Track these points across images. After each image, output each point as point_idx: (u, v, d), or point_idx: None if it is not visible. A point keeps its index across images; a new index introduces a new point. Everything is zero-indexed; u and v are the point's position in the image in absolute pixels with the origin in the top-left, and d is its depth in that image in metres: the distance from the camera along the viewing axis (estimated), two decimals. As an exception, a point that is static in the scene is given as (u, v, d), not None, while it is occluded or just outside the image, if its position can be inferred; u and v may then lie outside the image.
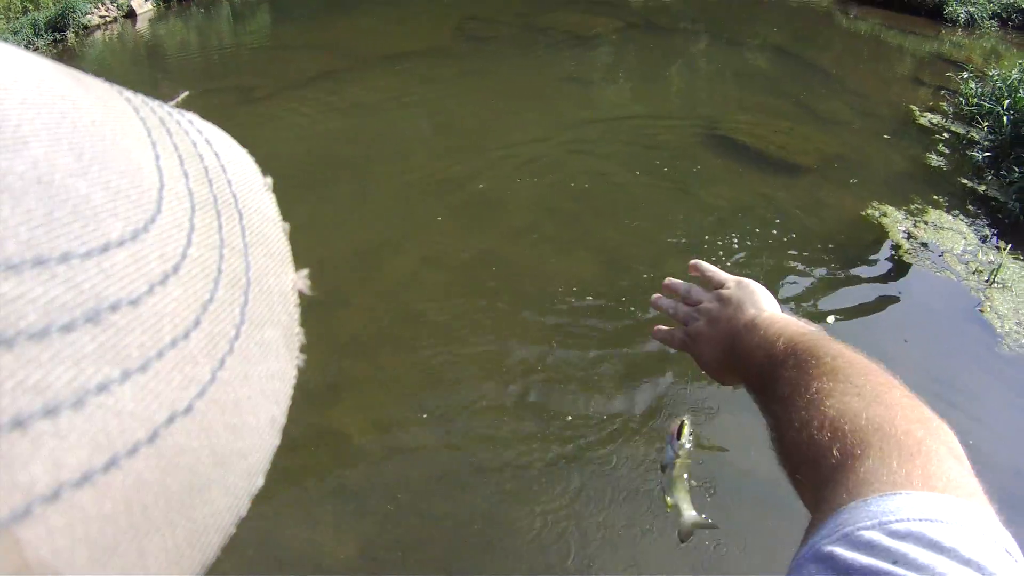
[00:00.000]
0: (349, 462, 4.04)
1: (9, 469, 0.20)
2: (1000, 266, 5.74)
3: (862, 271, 5.68)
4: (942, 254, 5.90)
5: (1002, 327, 5.15)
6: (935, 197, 6.78)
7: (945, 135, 8.22)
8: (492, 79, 10.00)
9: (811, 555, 0.58)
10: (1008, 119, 7.75)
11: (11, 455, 0.20)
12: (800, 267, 5.68)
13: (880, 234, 6.08)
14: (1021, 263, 5.87)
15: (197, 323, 0.27)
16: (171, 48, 14.10)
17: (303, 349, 0.37)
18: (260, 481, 0.31)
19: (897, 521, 0.56)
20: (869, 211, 6.40)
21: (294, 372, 0.35)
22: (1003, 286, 5.58)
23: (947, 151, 7.84)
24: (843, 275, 5.66)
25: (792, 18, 14.54)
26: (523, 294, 5.28)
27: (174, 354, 0.25)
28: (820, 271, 5.67)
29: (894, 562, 0.53)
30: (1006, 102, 7.97)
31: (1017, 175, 6.95)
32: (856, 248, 5.93)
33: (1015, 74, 8.43)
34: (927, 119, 8.61)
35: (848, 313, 5.23)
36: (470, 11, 13.62)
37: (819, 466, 0.71)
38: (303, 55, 11.46)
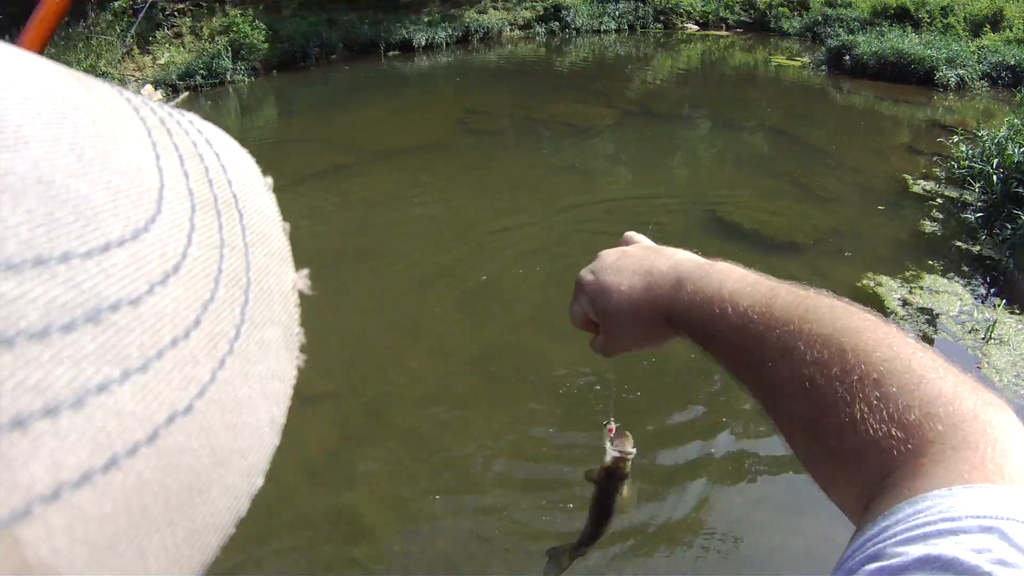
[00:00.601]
0: (362, 541, 4.08)
1: (9, 469, 0.20)
2: (996, 322, 5.81)
3: None
4: (938, 317, 5.97)
5: (1000, 380, 5.21)
6: (930, 262, 6.89)
7: (939, 200, 8.40)
8: (494, 171, 10.25)
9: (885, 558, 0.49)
10: (998, 177, 7.93)
11: (11, 455, 0.20)
12: None
13: (876, 304, 6.09)
14: (1017, 317, 5.96)
15: (197, 323, 0.27)
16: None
17: (303, 349, 0.37)
18: (260, 481, 0.31)
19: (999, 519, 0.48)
20: (864, 282, 6.50)
21: (294, 372, 0.35)
22: (1000, 341, 5.65)
23: (941, 216, 7.99)
24: None
25: (786, 96, 15.02)
26: (528, 380, 5.37)
27: (174, 354, 0.26)
28: None
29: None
30: (995, 161, 8.16)
31: (1010, 231, 7.06)
32: None
33: (1002, 132, 8.63)
34: (921, 186, 8.81)
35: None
36: (471, 105, 14.00)
37: (872, 454, 0.60)
38: (310, 148, 11.70)
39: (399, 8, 24.49)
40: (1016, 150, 8.10)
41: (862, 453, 0.60)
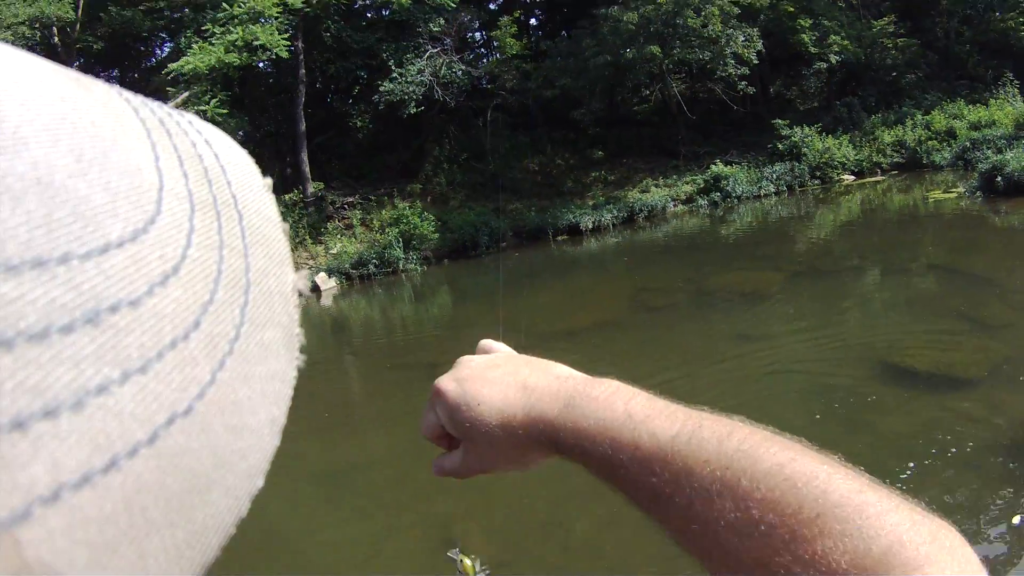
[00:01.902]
0: None
1: (9, 470, 0.20)
2: None
3: None
4: None
5: None
6: None
7: None
8: (668, 345, 10.41)
9: None
10: None
11: (11, 456, 0.20)
12: (983, 479, 5.55)
13: None
14: None
15: (197, 324, 0.27)
16: (355, 324, 15.01)
17: (303, 349, 0.36)
18: (260, 482, 0.31)
19: None
20: None
21: (294, 373, 0.35)
22: None
23: None
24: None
25: (948, 230, 14.84)
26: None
27: (174, 355, 0.25)
28: (1004, 477, 5.53)
29: None
30: None
31: None
32: None
33: None
34: None
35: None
36: (643, 283, 14.37)
37: None
38: (483, 332, 11.65)
39: (563, 194, 25.54)
40: None
41: None
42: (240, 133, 24.17)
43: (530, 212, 24.21)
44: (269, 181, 0.38)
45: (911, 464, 5.85)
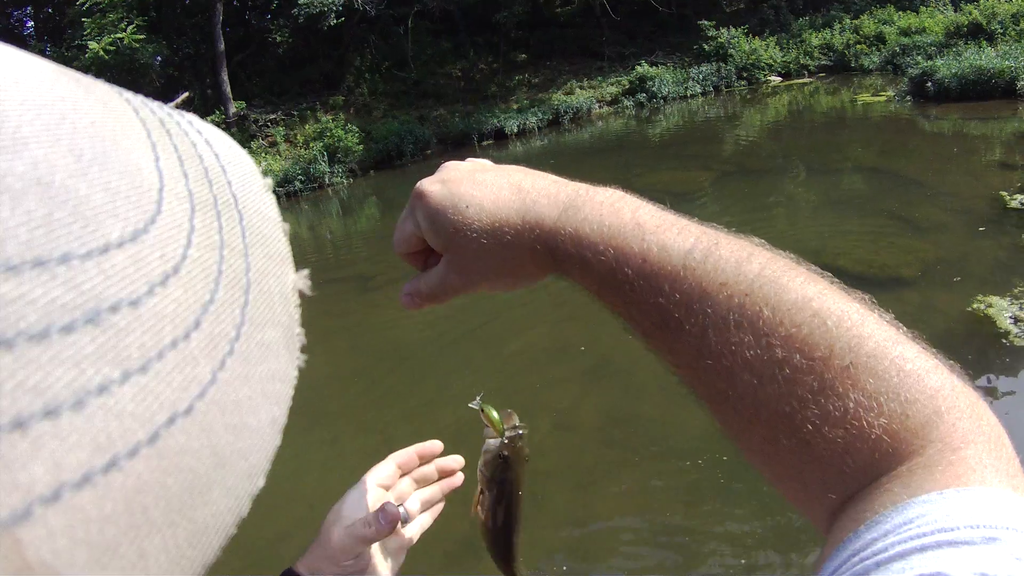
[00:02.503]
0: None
1: (9, 470, 0.20)
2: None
3: (976, 365, 5.63)
4: None
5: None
6: None
7: None
8: None
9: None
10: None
11: (11, 456, 0.20)
12: None
13: (988, 325, 6.08)
14: None
15: (197, 324, 0.27)
16: (284, 242, 14.89)
17: (303, 349, 0.36)
18: (261, 482, 0.31)
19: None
20: (975, 306, 6.39)
21: (295, 373, 0.35)
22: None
23: None
24: (958, 365, 5.51)
25: (877, 133, 14.87)
26: (654, 447, 5.46)
27: (174, 355, 0.26)
28: None
29: None
30: (1090, 162, 7.95)
31: (1113, 234, 6.78)
32: (967, 344, 5.91)
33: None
34: (1018, 201, 8.71)
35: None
36: None
37: (863, 453, 0.51)
38: None
39: (487, 98, 25.35)
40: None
41: (850, 451, 0.51)
42: (158, 58, 23.74)
43: (454, 118, 23.98)
44: (269, 181, 0.38)
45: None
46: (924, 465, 0.49)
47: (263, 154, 22.44)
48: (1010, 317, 6.21)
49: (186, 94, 21.31)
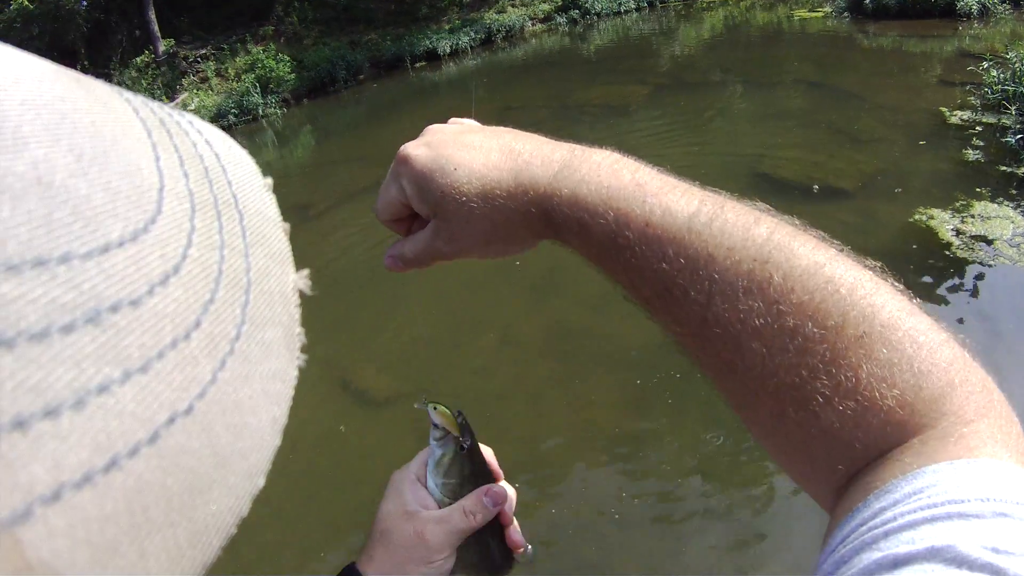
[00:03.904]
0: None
1: (10, 470, 0.20)
2: (1053, 239, 5.70)
3: (918, 275, 5.71)
4: (993, 242, 5.93)
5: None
6: (977, 189, 6.81)
7: (977, 128, 8.30)
8: None
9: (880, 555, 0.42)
10: (1032, 97, 7.73)
11: (12, 456, 0.20)
12: None
13: (929, 237, 6.14)
14: (1073, 231, 5.88)
15: (198, 323, 0.27)
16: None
17: (304, 349, 0.36)
18: (261, 481, 0.31)
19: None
20: (916, 217, 6.46)
21: (295, 372, 0.35)
22: (1059, 257, 5.60)
23: (982, 143, 7.90)
24: (901, 283, 5.45)
25: (814, 48, 14.84)
26: (599, 356, 5.50)
27: (175, 354, 0.26)
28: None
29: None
30: (1027, 81, 7.97)
31: (1052, 149, 6.87)
32: (909, 255, 5.97)
33: (1030, 52, 8.50)
34: (958, 117, 8.72)
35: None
36: (505, 102, 14.16)
37: (874, 426, 0.49)
38: (351, 167, 12.04)
39: (419, 20, 24.77)
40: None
41: (861, 424, 0.49)
42: (83, 2, 22.93)
43: (386, 42, 23.49)
44: (270, 181, 0.39)
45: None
46: (937, 437, 0.48)
47: (195, 90, 22.02)
48: (952, 229, 6.27)
49: (186, 94, 20.73)
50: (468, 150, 0.67)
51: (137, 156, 0.28)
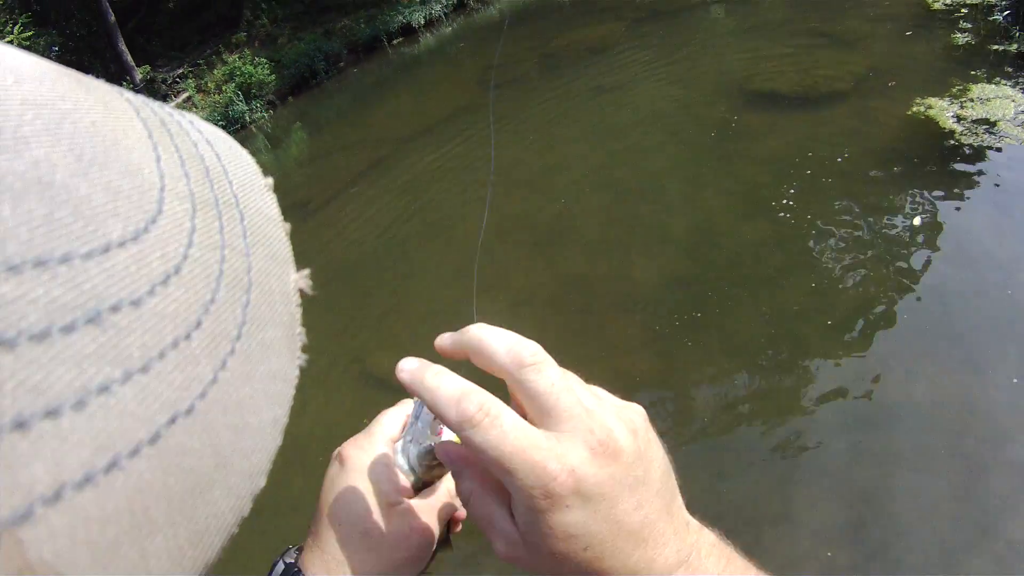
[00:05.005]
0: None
1: (10, 470, 0.20)
2: (1055, 110, 5.54)
3: (924, 167, 5.58)
4: (996, 124, 5.79)
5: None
6: (972, 73, 6.64)
7: (963, 10, 8.11)
8: (527, 115, 10.09)
9: None
10: (1016, -29, 7.56)
11: (12, 456, 0.20)
12: (867, 184, 5.55)
13: (932, 127, 5.97)
14: (1074, 99, 5.72)
15: (199, 323, 0.27)
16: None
17: (304, 349, 0.36)
18: (262, 481, 0.31)
19: None
20: (915, 109, 6.27)
21: (296, 372, 0.35)
22: (1065, 127, 5.44)
23: (969, 25, 7.70)
24: (908, 175, 5.53)
25: None
26: (612, 304, 5.37)
27: (176, 354, 0.26)
28: (885, 178, 5.58)
29: None
30: (1011, -46, 7.81)
31: (1042, 20, 6.69)
32: (912, 149, 5.81)
33: (1011, -77, 8.38)
34: (941, 2, 8.53)
35: (928, 210, 5.11)
36: (487, 61, 14.12)
37: None
38: (347, 155, 11.91)
39: (387, -1, 24.82)
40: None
41: None
42: (54, 48, 22.87)
43: (360, 25, 23.16)
44: (271, 180, 0.39)
45: (794, 184, 5.85)
46: None
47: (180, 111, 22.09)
48: (952, 116, 6.10)
49: (186, 94, 20.45)
50: (636, 543, 0.53)
51: (138, 156, 0.28)
